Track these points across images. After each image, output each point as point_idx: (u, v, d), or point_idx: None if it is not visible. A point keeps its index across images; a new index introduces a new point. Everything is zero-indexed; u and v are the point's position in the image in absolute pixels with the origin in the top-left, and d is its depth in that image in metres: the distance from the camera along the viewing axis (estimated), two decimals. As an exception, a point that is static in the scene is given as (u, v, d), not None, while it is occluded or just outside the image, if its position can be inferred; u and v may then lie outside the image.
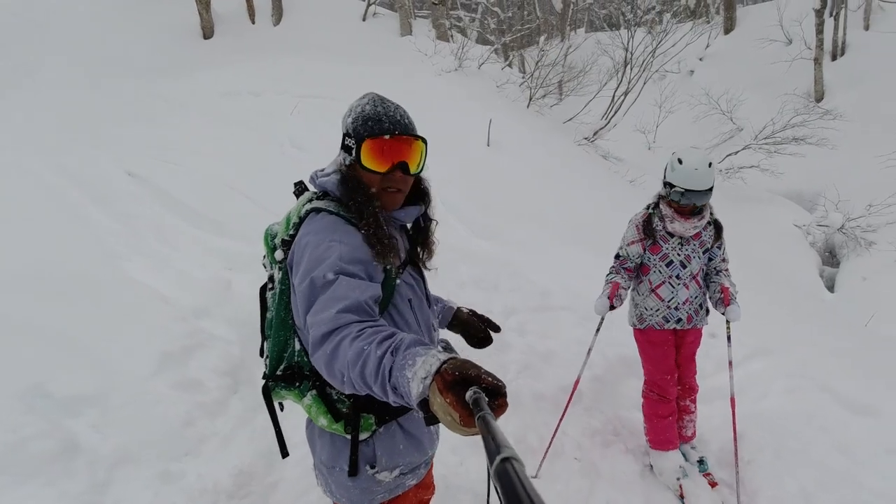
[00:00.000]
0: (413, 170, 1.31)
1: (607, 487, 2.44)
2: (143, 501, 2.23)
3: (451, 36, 12.27)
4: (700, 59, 15.47)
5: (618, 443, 2.79)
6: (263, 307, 1.45)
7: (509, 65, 12.97)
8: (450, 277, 4.21)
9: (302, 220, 1.30)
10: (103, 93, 8.03)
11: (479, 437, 0.73)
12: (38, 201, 4.51)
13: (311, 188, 1.40)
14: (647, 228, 2.51)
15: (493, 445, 0.59)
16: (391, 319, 1.32)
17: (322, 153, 6.98)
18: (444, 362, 0.85)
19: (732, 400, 2.55)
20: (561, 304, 4.02)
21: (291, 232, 1.31)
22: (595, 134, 10.66)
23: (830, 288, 6.59)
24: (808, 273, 6.62)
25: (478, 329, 1.69)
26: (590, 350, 2.70)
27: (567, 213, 6.60)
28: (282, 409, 1.56)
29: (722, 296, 2.42)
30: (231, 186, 5.68)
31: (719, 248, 2.55)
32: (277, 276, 1.38)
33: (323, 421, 1.32)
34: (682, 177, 2.33)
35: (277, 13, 12.45)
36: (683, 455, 2.70)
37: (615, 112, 10.66)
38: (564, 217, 6.46)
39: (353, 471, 1.32)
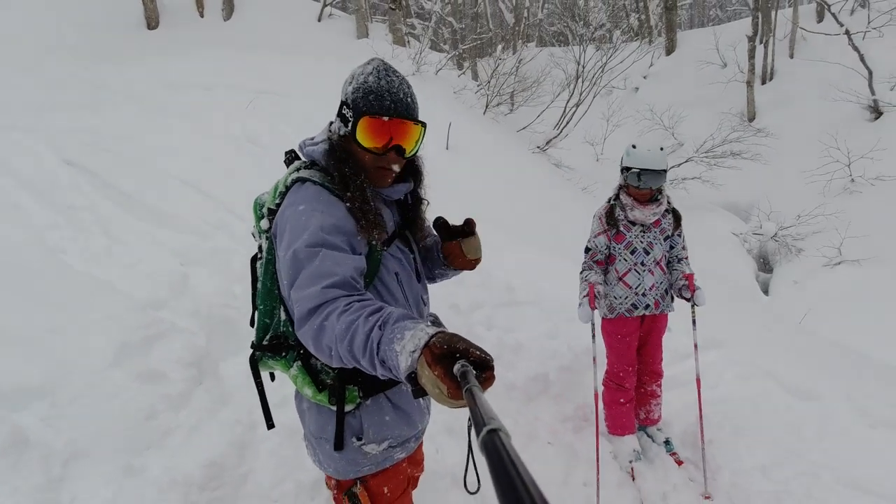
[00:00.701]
0: (408, 153, 1.29)
1: (584, 468, 2.51)
2: (104, 496, 2.09)
3: (408, 41, 12.34)
4: (644, 77, 16.30)
5: (589, 427, 2.86)
6: (254, 277, 1.42)
7: (464, 73, 13.18)
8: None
9: (288, 189, 1.28)
10: (39, 78, 7.52)
11: (457, 416, 0.72)
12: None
13: (302, 157, 1.37)
14: (610, 218, 2.62)
15: (480, 417, 0.60)
16: (377, 293, 1.30)
17: (278, 148, 6.85)
18: (433, 336, 0.86)
19: (698, 380, 2.69)
20: (525, 299, 4.10)
21: (277, 201, 1.29)
22: (548, 143, 10.99)
23: (765, 291, 7.07)
24: (746, 277, 7.09)
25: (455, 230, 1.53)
26: (594, 358, 2.67)
27: (525, 215, 6.76)
28: (272, 380, 1.53)
29: (686, 283, 2.56)
30: (182, 179, 5.44)
31: (679, 236, 2.70)
32: (265, 245, 1.36)
33: (308, 391, 1.32)
34: (636, 158, 2.47)
35: (228, 7, 12.11)
36: (651, 437, 2.82)
37: (567, 123, 11.04)
38: (522, 219, 6.61)
39: (339, 444, 1.30)
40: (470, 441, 1.43)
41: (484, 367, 0.83)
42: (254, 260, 1.43)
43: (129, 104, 6.97)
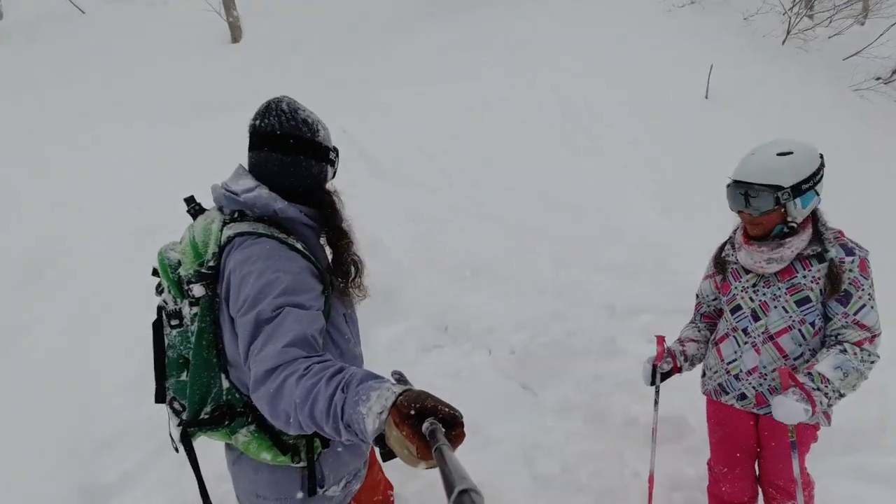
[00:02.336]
0: None
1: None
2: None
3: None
4: None
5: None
6: (160, 346, 1.34)
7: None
8: (585, 260, 3.83)
9: (222, 247, 1.22)
10: (350, 57, 9.15)
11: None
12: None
13: (225, 205, 1.30)
14: (718, 258, 1.86)
15: (451, 477, 0.58)
16: (329, 337, 1.29)
17: (519, 104, 6.80)
18: (400, 395, 0.83)
19: None
20: (713, 311, 3.29)
21: (212, 263, 1.22)
22: (894, 73, 7.93)
23: None
24: None
25: None
26: (654, 430, 2.10)
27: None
28: (177, 451, 1.41)
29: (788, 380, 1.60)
30: (418, 146, 6.05)
31: (842, 303, 1.63)
32: (189, 311, 1.28)
33: (266, 456, 1.28)
34: (736, 166, 1.69)
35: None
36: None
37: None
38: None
39: (313, 492, 1.33)
40: None
41: (453, 425, 0.80)
42: (157, 326, 1.35)
43: (402, 76, 7.86)
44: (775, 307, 1.71)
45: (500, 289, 3.57)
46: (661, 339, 2.00)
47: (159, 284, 1.37)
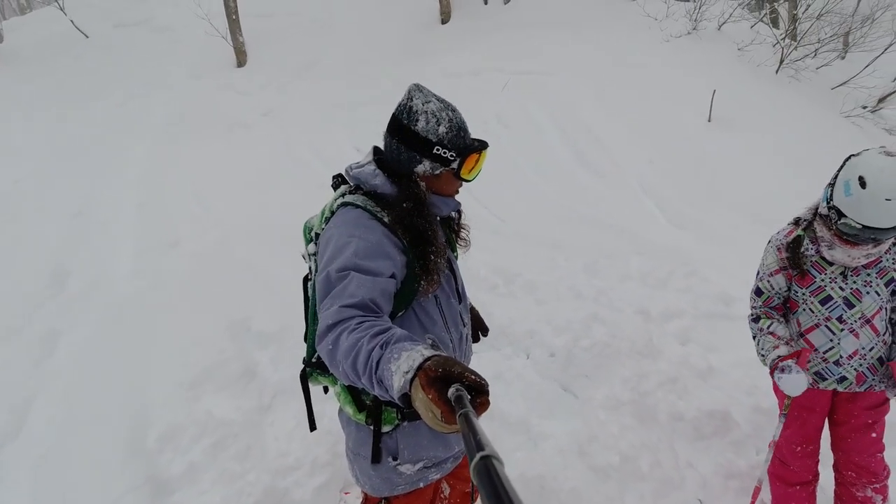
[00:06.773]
0: None
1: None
2: (289, 426, 2.73)
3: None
4: None
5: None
6: (307, 296, 1.52)
7: (768, 19, 10.82)
8: (616, 269, 3.94)
9: (333, 213, 1.35)
10: (356, 80, 9.39)
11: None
12: (291, 172, 5.67)
13: (349, 181, 1.42)
14: (794, 255, 1.83)
15: (473, 443, 0.60)
16: (416, 316, 1.34)
17: (525, 130, 7.02)
18: (428, 359, 0.85)
19: None
20: (743, 314, 3.40)
21: (324, 226, 1.35)
22: (881, 101, 8.33)
23: None
24: None
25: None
26: (773, 442, 2.04)
27: (793, 206, 5.40)
28: (326, 392, 1.61)
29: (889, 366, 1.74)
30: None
31: None
32: (313, 267, 1.44)
33: (349, 409, 1.40)
34: (861, 207, 1.56)
35: (506, -8, 12.66)
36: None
37: (917, 72, 8.11)
38: (786, 210, 5.29)
39: (377, 459, 1.38)
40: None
41: (479, 392, 0.81)
42: (305, 280, 1.54)
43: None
44: (867, 293, 1.76)
45: (534, 295, 3.65)
46: (806, 351, 1.85)
47: None
